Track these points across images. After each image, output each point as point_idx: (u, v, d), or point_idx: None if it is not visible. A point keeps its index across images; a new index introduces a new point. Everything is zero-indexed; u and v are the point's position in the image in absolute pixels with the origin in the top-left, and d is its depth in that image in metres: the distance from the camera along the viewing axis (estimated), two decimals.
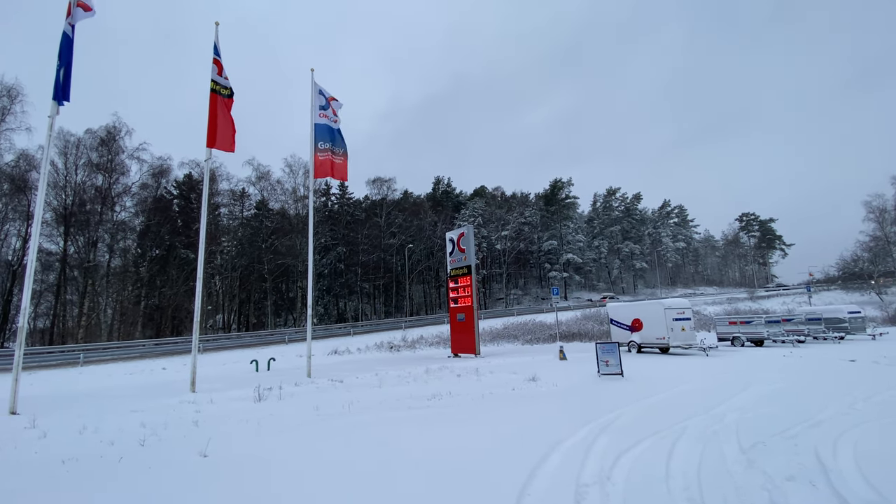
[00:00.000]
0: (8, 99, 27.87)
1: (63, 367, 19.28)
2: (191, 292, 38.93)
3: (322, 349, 22.77)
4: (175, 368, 17.63)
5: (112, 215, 34.36)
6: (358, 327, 35.12)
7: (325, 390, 10.39)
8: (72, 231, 32.08)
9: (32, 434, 6.53)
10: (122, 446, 5.73)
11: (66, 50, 9.92)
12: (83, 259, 32.50)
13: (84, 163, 32.86)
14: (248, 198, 46.32)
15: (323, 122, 14.59)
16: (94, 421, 7.03)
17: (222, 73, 12.61)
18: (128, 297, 35.73)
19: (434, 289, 60.19)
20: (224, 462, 5.08)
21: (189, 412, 7.87)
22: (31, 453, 5.60)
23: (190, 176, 40.95)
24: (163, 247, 38.15)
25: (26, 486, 4.47)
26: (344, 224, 50.07)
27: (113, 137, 33.49)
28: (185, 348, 23.73)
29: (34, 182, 29.85)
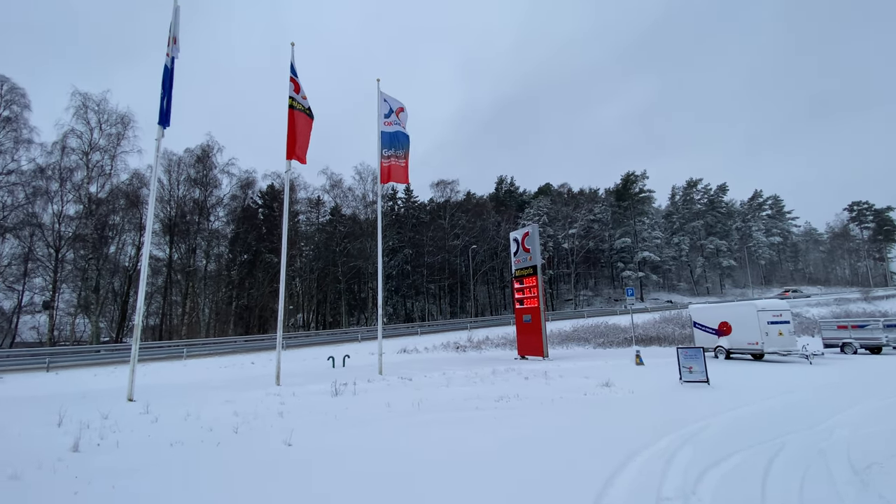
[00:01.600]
0: (122, 126, 32.28)
1: (170, 360, 21.87)
2: (275, 293, 42.32)
3: (392, 347, 23.57)
4: (262, 363, 19.24)
5: (207, 224, 38.41)
6: (425, 327, 35.88)
7: (395, 388, 10.73)
8: (175, 239, 36.33)
9: (146, 419, 7.48)
10: (219, 432, 6.37)
11: (167, 80, 11.26)
12: (185, 264, 36.69)
13: (184, 178, 37.11)
14: (323, 205, 49.31)
15: (387, 129, 15.13)
16: (196, 409, 7.89)
17: (299, 91, 13.57)
18: (221, 298, 39.70)
19: (498, 289, 59.76)
20: (305, 451, 5.45)
21: (275, 404, 8.55)
22: (144, 436, 6.41)
23: (272, 186, 44.54)
24: (250, 252, 41.88)
25: (142, 464, 5.13)
26: (410, 227, 51.48)
27: (207, 155, 37.46)
28: (271, 345, 25.80)
29: (145, 197, 34.20)
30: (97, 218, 30.79)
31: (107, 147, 31.68)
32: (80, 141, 30.66)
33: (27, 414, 8.13)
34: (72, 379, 15.95)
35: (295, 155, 13.13)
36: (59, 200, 30.27)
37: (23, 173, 28.92)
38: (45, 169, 29.73)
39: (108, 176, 32.05)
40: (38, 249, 29.91)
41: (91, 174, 31.03)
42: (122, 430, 6.66)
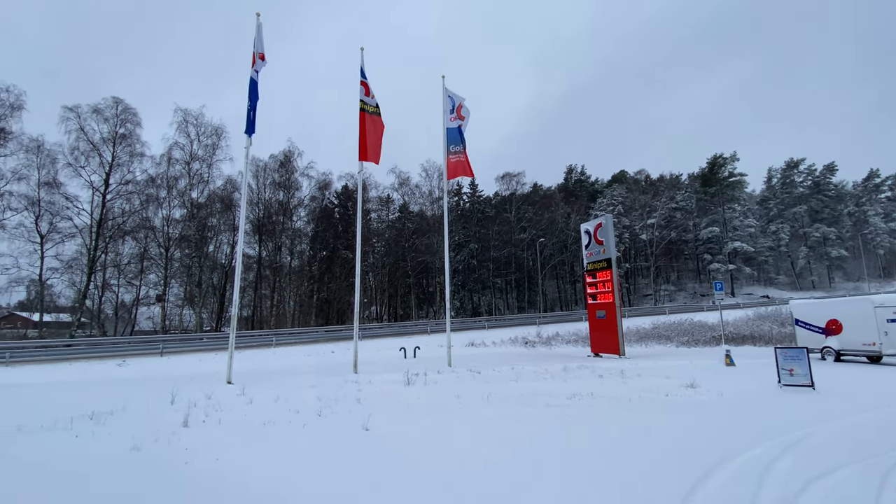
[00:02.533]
0: (216, 137, 35.89)
1: (261, 348, 24.04)
2: (351, 287, 44.74)
3: (459, 341, 23.84)
4: (341, 352, 20.46)
5: (291, 224, 41.55)
6: (492, 321, 35.79)
7: (464, 380, 10.84)
8: (263, 238, 39.74)
9: (243, 400, 8.27)
10: (305, 415, 6.88)
11: (253, 93, 12.28)
12: (272, 261, 40.04)
13: (270, 182, 40.44)
14: (393, 202, 51.04)
15: (452, 125, 15.22)
16: (285, 393, 8.58)
17: (369, 94, 14.11)
18: (304, 292, 42.80)
19: (569, 284, 57.80)
20: (382, 436, 5.70)
21: (353, 391, 9.04)
22: (242, 415, 7.10)
23: (346, 187, 46.99)
24: (328, 249, 44.61)
25: (240, 440, 5.69)
26: (475, 221, 51.53)
27: (289, 160, 40.46)
28: (348, 335, 27.33)
29: (237, 201, 37.75)
30: (198, 220, 34.61)
31: (204, 156, 35.47)
32: (183, 152, 34.63)
33: (146, 393, 9.39)
34: (180, 363, 18.15)
35: (367, 156, 13.69)
36: (167, 206, 34.50)
37: (137, 183, 33.32)
38: (155, 178, 33.99)
39: (206, 182, 35.88)
40: (151, 249, 34.35)
41: (192, 181, 34.92)
42: (223, 409, 7.44)
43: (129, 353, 21.61)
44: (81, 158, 30.75)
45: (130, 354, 21.28)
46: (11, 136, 29.01)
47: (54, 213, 30.30)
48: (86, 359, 20.16)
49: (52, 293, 34.57)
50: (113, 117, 31.69)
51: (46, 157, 30.11)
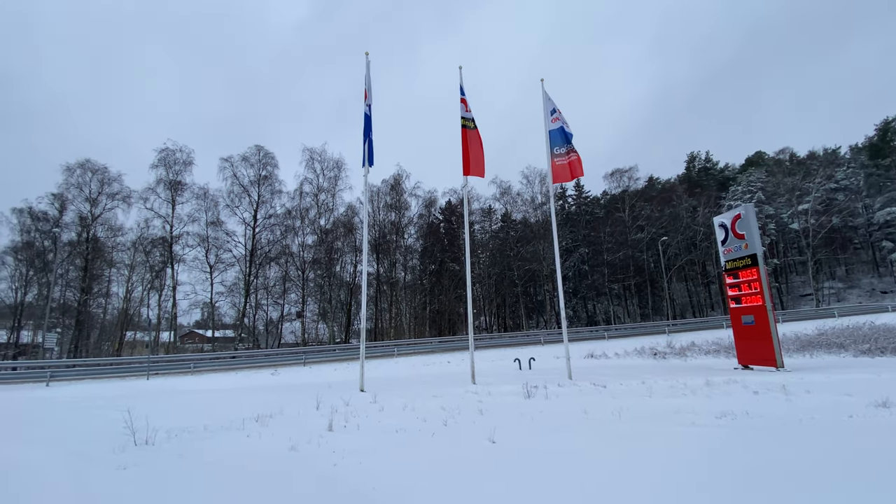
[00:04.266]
0: (337, 169, 40.16)
1: (384, 358, 25.81)
2: (459, 298, 45.85)
3: (577, 352, 22.64)
4: (456, 362, 20.94)
5: (402, 242, 44.33)
6: (612, 330, 33.35)
7: (588, 394, 10.21)
8: (380, 256, 42.99)
9: (375, 407, 8.88)
10: (432, 423, 7.12)
11: (367, 126, 13.41)
12: (388, 277, 43.02)
13: (383, 205, 43.80)
14: (494, 213, 51.28)
15: (554, 126, 14.75)
16: (411, 401, 9.01)
17: (468, 110, 14.48)
18: (418, 304, 45.07)
19: (701, 286, 51.39)
20: (509, 449, 5.60)
21: (473, 401, 9.12)
22: (376, 422, 7.61)
23: (450, 202, 48.65)
24: (436, 263, 46.48)
25: (377, 445, 6.09)
26: (583, 224, 49.00)
27: (398, 182, 43.44)
28: (461, 345, 27.89)
29: (356, 224, 41.53)
30: (326, 244, 38.90)
31: (328, 188, 39.94)
32: (311, 185, 39.43)
33: (296, 399, 10.65)
34: (320, 371, 20.33)
35: (470, 171, 13.98)
36: (301, 233, 39.44)
37: (277, 216, 38.76)
38: (291, 211, 39.18)
39: (331, 210, 40.28)
40: (290, 272, 39.46)
41: (320, 210, 39.49)
42: (359, 415, 8.09)
43: (279, 363, 24.93)
44: (235, 200, 37.00)
45: (280, 364, 24.53)
46: (185, 187, 36.16)
47: (218, 247, 36.80)
48: (247, 368, 23.78)
49: (219, 313, 41.71)
50: (257, 162, 37.59)
51: (210, 201, 36.86)
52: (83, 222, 34.77)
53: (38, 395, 15.41)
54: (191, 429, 7.47)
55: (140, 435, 6.76)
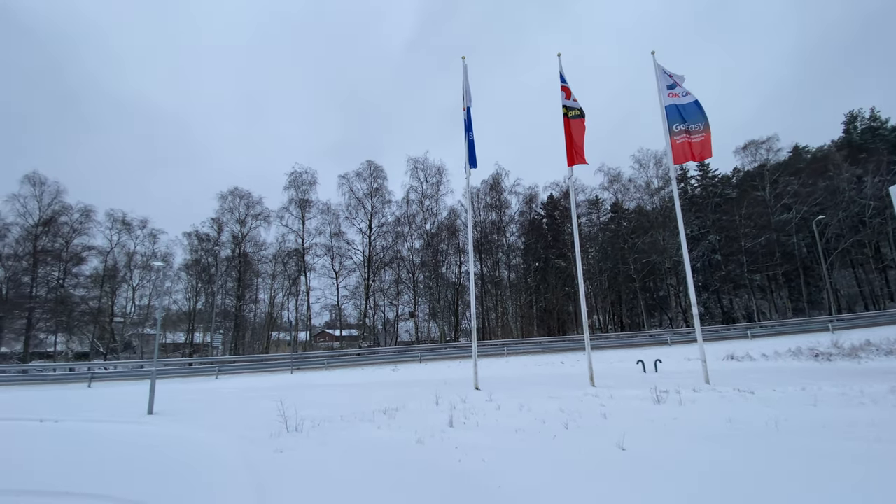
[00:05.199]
0: (439, 175, 41.55)
1: (494, 357, 25.88)
2: (568, 296, 43.97)
3: (713, 353, 20.03)
4: (570, 363, 20.09)
5: (504, 241, 44.08)
6: (755, 328, 28.86)
7: (731, 400, 8.95)
8: (483, 256, 43.35)
9: (491, 406, 8.92)
10: (551, 426, 6.90)
11: (467, 129, 13.60)
12: (493, 276, 43.15)
13: (483, 205, 44.07)
14: (602, 203, 48.14)
15: (673, 101, 13.27)
16: (527, 402, 8.86)
17: (570, 97, 13.81)
18: (524, 303, 44.38)
19: (875, 272, 41.83)
20: (642, 458, 5.15)
21: (595, 405, 8.62)
22: (493, 420, 7.62)
23: (551, 196, 47.01)
24: (540, 260, 45.25)
25: (498, 444, 6.08)
26: (711, 208, 43.25)
27: (497, 182, 43.34)
28: (572, 346, 26.71)
29: (459, 226, 42.47)
30: (432, 248, 40.50)
31: (432, 193, 41.56)
32: (416, 193, 41.42)
33: (416, 394, 11.21)
34: (435, 369, 21.17)
35: (574, 160, 13.31)
36: (409, 239, 41.63)
37: (389, 224, 41.48)
38: (400, 218, 41.64)
39: (435, 215, 41.82)
40: (402, 275, 41.88)
41: (425, 216, 41.31)
42: (476, 413, 8.20)
43: (398, 360, 26.61)
44: (352, 212, 40.57)
45: (399, 361, 26.17)
46: (312, 204, 40.73)
47: (341, 255, 40.70)
48: (370, 364, 25.83)
49: (344, 314, 45.97)
50: (369, 176, 40.78)
51: (332, 214, 40.95)
52: (235, 240, 41.56)
53: (210, 387, 18.67)
54: (330, 419, 8.33)
55: (290, 423, 7.75)
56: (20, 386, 22.01)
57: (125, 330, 41.96)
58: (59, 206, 37.06)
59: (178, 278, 42.77)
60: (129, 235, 40.71)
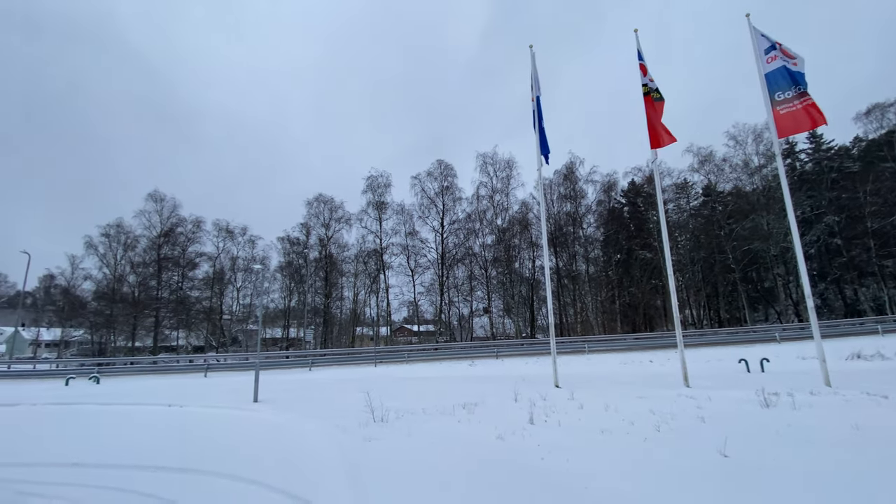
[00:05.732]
0: (509, 169, 41.03)
1: (573, 354, 24.99)
2: (655, 290, 41.02)
3: (834, 351, 17.44)
4: (660, 361, 18.76)
5: (581, 232, 42.27)
6: (887, 323, 24.63)
7: (859, 405, 7.74)
8: (558, 250, 41.99)
9: (573, 404, 8.63)
10: (641, 427, 6.50)
11: (537, 119, 13.24)
12: (569, 270, 41.64)
13: (556, 197, 42.67)
14: (692, 187, 44.13)
15: (774, 67, 11.73)
16: (613, 401, 8.44)
17: (647, 75, 12.85)
18: (605, 298, 42.27)
19: None
20: (750, 467, 4.66)
21: (690, 406, 7.97)
22: (576, 419, 7.37)
23: (632, 182, 44.10)
24: (622, 251, 42.70)
25: (582, 444, 5.87)
26: (827, 185, 37.56)
27: (571, 171, 41.67)
28: (662, 343, 24.91)
29: (531, 220, 41.59)
30: (504, 243, 40.14)
31: (502, 188, 41.18)
32: (486, 188, 41.31)
33: (494, 390, 11.22)
34: (511, 365, 21.01)
35: (659, 142, 12.36)
36: (481, 234, 41.68)
37: (460, 221, 41.87)
38: (471, 214, 41.82)
39: (506, 209, 41.37)
40: (475, 271, 42.06)
41: (496, 211, 41.05)
42: (558, 411, 7.99)
43: (474, 355, 26.83)
44: (425, 211, 41.61)
45: (475, 356, 26.37)
46: (387, 206, 42.44)
47: (416, 253, 41.97)
48: (447, 359, 26.33)
49: (421, 310, 47.32)
50: (439, 175, 41.51)
51: (407, 214, 42.35)
52: (321, 243, 44.73)
53: (304, 378, 20.32)
54: (412, 411, 8.65)
55: (377, 413, 8.18)
56: (152, 375, 25.75)
57: (232, 326, 47.17)
58: (175, 219, 42.69)
59: (274, 279, 47.06)
60: (233, 242, 45.64)
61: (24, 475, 5.73)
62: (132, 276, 41.06)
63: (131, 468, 5.87)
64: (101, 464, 6.08)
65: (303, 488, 4.74)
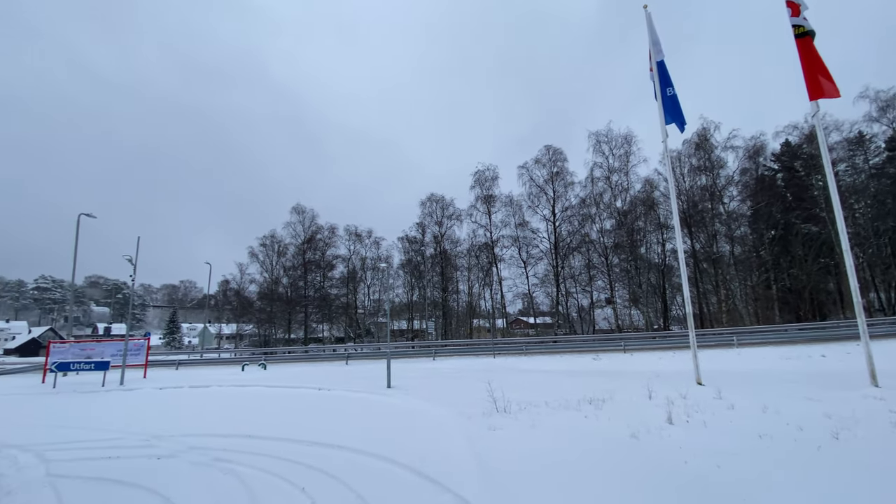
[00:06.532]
0: (627, 145, 37.61)
1: (719, 348, 21.99)
2: (824, 270, 33.84)
3: None
4: (835, 356, 15.49)
5: (722, 208, 36.86)
6: None
7: None
8: (693, 230, 37.28)
9: (721, 404, 7.63)
10: (812, 434, 5.47)
11: (663, 84, 11.90)
12: (708, 252, 36.69)
13: (688, 170, 37.86)
14: (871, 141, 35.24)
15: None
16: (773, 402, 7.24)
17: (799, 14, 10.62)
18: (757, 283, 36.31)
19: None
20: None
21: (881, 410, 6.45)
22: (726, 421, 6.50)
23: (787, 143, 36.92)
24: (777, 227, 36.10)
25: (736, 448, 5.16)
26: None
27: (705, 138, 36.54)
28: (837, 334, 20.62)
29: (657, 199, 37.64)
30: (626, 226, 37.08)
31: (620, 167, 38.03)
32: (602, 169, 38.59)
33: (623, 386, 10.50)
34: (642, 359, 19.40)
35: (819, 92, 10.14)
36: (598, 220, 39.13)
37: (573, 207, 39.84)
38: (585, 199, 39.50)
39: (626, 190, 38.12)
40: (594, 259, 39.69)
41: (614, 192, 38.11)
42: (702, 411, 7.15)
43: (598, 349, 25.44)
44: (534, 200, 40.57)
45: (599, 350, 25.00)
46: (496, 199, 42.48)
47: (528, 244, 41.25)
48: (568, 353, 25.43)
49: (536, 302, 46.44)
50: (548, 162, 40.09)
51: (515, 206, 41.84)
52: (436, 240, 46.83)
53: (429, 367, 21.52)
54: (535, 403, 8.57)
55: (499, 404, 8.30)
56: (304, 363, 29.84)
57: (365, 319, 52.24)
58: (314, 227, 48.70)
59: (398, 276, 50.72)
60: (361, 244, 50.38)
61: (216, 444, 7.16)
62: (285, 279, 48.14)
63: (293, 441, 6.92)
64: (270, 437, 7.30)
65: (434, 470, 5.06)
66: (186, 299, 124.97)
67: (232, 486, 4.94)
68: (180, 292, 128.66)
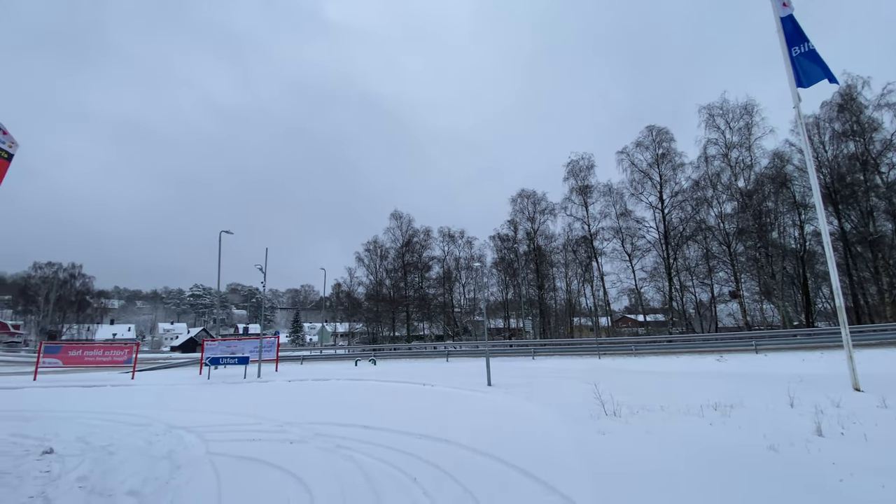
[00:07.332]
0: (748, 115, 32.86)
1: (881, 347, 18.13)
2: None
3: None
4: None
5: (880, 178, 30.31)
6: None
7: None
8: (840, 207, 31.25)
9: (887, 414, 6.34)
10: None
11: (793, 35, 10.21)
12: (863, 233, 30.44)
13: (829, 137, 31.87)
14: None
15: None
16: None
17: None
18: None
19: None
20: None
21: None
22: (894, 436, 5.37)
23: None
24: None
25: None
26: None
27: (850, 98, 30.44)
28: None
29: (790, 174, 32.33)
30: (752, 209, 32.43)
31: (740, 141, 33.41)
32: (717, 146, 34.29)
33: (756, 391, 9.22)
34: (778, 361, 16.82)
35: None
36: (716, 203, 34.81)
37: (685, 191, 35.97)
38: (699, 181, 35.42)
39: (750, 167, 33.37)
40: (713, 248, 35.40)
41: (734, 171, 33.59)
42: (861, 422, 6.00)
43: (722, 348, 22.68)
44: (638, 187, 37.48)
45: (723, 350, 22.27)
46: (592, 189, 40.16)
47: (632, 235, 38.26)
48: (686, 353, 23.07)
49: (645, 298, 42.90)
50: (651, 144, 36.78)
51: (616, 194, 39.10)
52: (529, 237, 45.84)
53: (528, 366, 21.14)
54: (648, 407, 7.95)
55: (608, 407, 7.86)
56: (408, 359, 31.40)
57: (462, 317, 53.27)
58: (411, 231, 51.07)
59: (491, 274, 50.86)
60: (454, 245, 51.52)
61: (338, 432, 7.88)
62: (388, 280, 51.31)
63: (404, 434, 7.34)
64: (383, 427, 7.82)
65: (544, 472, 4.96)
66: (307, 301, 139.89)
67: (352, 472, 5.41)
68: (301, 295, 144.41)
